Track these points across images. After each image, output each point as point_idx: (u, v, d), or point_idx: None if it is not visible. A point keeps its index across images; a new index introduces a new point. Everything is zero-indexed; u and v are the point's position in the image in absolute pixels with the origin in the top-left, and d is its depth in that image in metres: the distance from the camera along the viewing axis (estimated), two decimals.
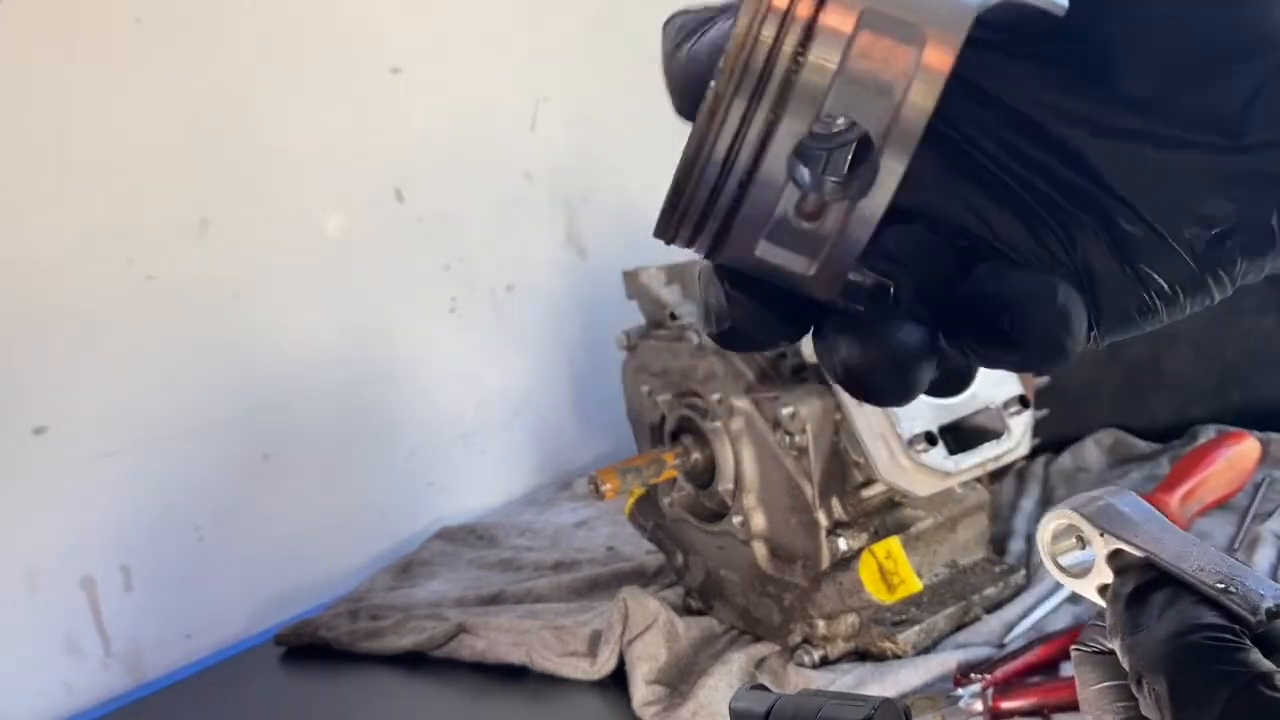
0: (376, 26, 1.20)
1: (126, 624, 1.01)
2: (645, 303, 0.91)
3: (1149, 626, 0.35)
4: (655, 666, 0.82)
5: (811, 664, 0.81)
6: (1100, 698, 0.38)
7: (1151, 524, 0.38)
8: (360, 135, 1.18)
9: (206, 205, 1.05)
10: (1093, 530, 0.39)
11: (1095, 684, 0.38)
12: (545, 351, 1.39)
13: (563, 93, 1.39)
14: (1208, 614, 0.34)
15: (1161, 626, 0.34)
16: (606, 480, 0.82)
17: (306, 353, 1.14)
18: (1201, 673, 0.33)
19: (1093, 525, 0.39)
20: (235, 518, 1.08)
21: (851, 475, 0.80)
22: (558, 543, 1.15)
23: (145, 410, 1.02)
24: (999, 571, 0.87)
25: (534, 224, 1.37)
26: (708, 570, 0.90)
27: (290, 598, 1.11)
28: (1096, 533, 0.38)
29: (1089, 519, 0.39)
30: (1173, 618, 0.34)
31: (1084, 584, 0.39)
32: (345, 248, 1.17)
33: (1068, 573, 0.40)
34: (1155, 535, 0.37)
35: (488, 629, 0.93)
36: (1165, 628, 0.34)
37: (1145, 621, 0.35)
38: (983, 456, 0.79)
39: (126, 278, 1.00)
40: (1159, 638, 0.34)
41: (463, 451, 1.31)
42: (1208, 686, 0.32)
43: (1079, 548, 0.40)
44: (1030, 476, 1.08)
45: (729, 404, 0.82)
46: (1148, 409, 1.14)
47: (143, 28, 1.00)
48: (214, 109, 1.06)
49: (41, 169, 0.95)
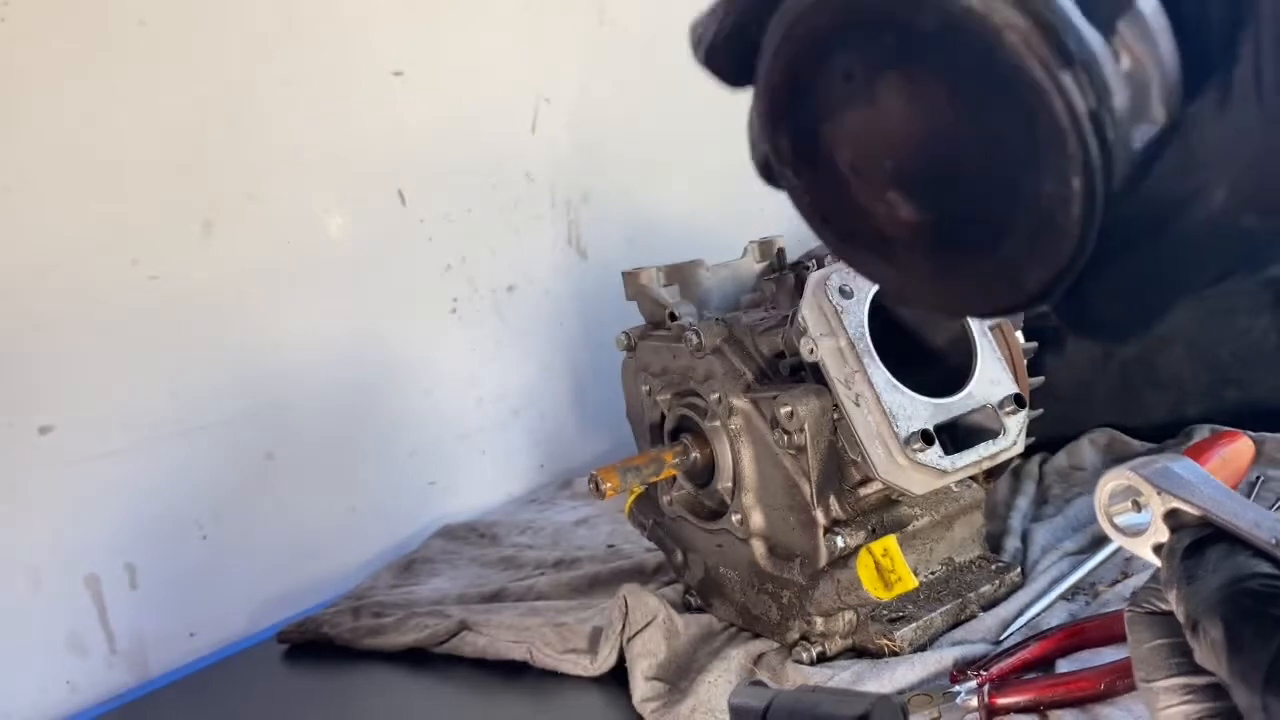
0: (378, 30, 1.21)
1: (130, 622, 1.02)
2: (645, 303, 0.91)
3: (1204, 576, 0.35)
4: (655, 663, 0.83)
5: (809, 660, 0.81)
6: (1154, 655, 0.39)
7: (1207, 485, 0.39)
8: (362, 137, 1.19)
9: (210, 207, 1.06)
10: (1150, 489, 0.39)
11: (1149, 642, 0.39)
12: (546, 351, 1.40)
13: (563, 94, 1.39)
14: (1262, 564, 0.35)
15: (1217, 576, 0.35)
16: (606, 479, 0.83)
17: (309, 353, 1.15)
18: (1256, 616, 0.33)
19: (1151, 484, 0.40)
20: (238, 516, 1.09)
21: (849, 474, 0.80)
22: (558, 541, 1.16)
23: (149, 410, 1.02)
24: (995, 569, 0.88)
25: (535, 225, 1.38)
26: (707, 568, 0.91)
27: (293, 596, 1.12)
28: (1154, 491, 0.39)
29: (1147, 479, 0.40)
30: (1228, 568, 0.35)
31: (1139, 543, 0.40)
32: (348, 249, 1.18)
33: (1123, 532, 0.41)
34: (1211, 495, 0.39)
35: (489, 626, 0.93)
36: (1220, 576, 0.35)
37: (1201, 572, 0.36)
38: (979, 455, 0.80)
39: (130, 278, 1.01)
40: (1214, 585, 0.35)
41: (464, 450, 1.31)
42: (1262, 628, 0.33)
43: (1134, 510, 0.41)
44: (1026, 475, 1.08)
45: (728, 403, 0.83)
46: (1142, 408, 1.14)
47: (147, 30, 1.01)
48: (218, 111, 1.06)
49: (45, 170, 0.95)
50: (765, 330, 0.84)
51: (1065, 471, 1.11)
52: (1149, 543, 0.40)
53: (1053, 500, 1.05)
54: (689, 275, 0.93)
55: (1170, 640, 0.38)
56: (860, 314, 0.79)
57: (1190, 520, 0.38)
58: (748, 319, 0.86)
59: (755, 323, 0.85)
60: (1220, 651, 0.33)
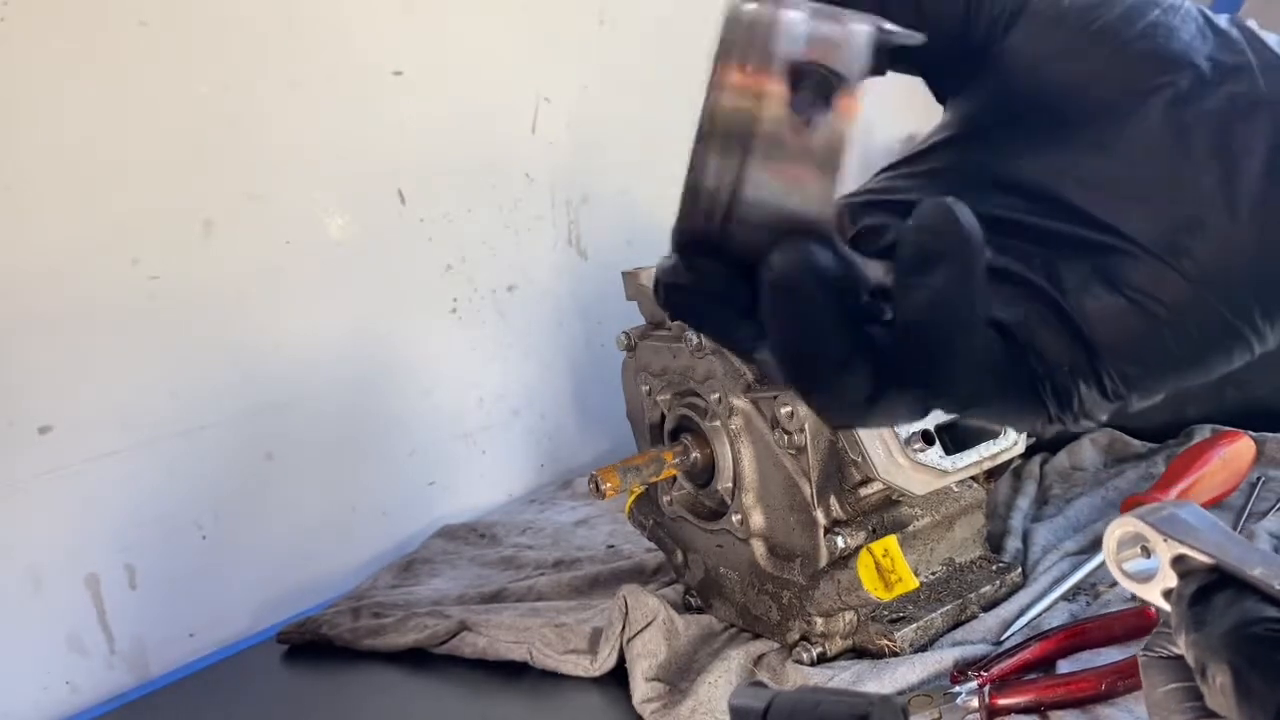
0: (378, 30, 1.20)
1: (130, 622, 1.01)
2: (645, 303, 0.91)
3: (1212, 622, 0.36)
4: (655, 663, 0.83)
5: (809, 661, 0.81)
6: (1168, 699, 0.39)
7: (1214, 532, 0.40)
8: (363, 137, 1.19)
9: (210, 206, 1.06)
10: (1158, 536, 0.40)
11: (1163, 686, 0.40)
12: (546, 351, 1.40)
13: (563, 94, 1.39)
14: (1269, 609, 0.35)
15: (1224, 621, 0.36)
16: (607, 479, 0.83)
17: (309, 353, 1.15)
18: (1263, 661, 0.34)
19: (1158, 531, 0.40)
20: (238, 516, 1.09)
21: (849, 474, 0.80)
22: (558, 541, 1.16)
23: (149, 409, 1.02)
24: (995, 569, 0.88)
25: (535, 225, 1.38)
26: (707, 568, 0.91)
27: (293, 596, 1.12)
28: (1161, 539, 0.40)
29: (1154, 525, 0.41)
30: (1234, 613, 0.36)
31: (1148, 588, 0.41)
32: (348, 248, 1.18)
33: (1132, 579, 0.42)
34: (1218, 541, 0.39)
35: (489, 626, 0.93)
36: (1228, 621, 0.35)
37: (1210, 617, 0.36)
38: (979, 455, 0.80)
39: (130, 278, 1.01)
40: (1221, 631, 0.35)
41: (464, 451, 1.31)
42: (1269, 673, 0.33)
43: (1143, 557, 0.42)
44: (1026, 475, 1.08)
45: (728, 403, 0.83)
46: (1143, 408, 1.14)
47: (147, 30, 1.01)
48: (218, 111, 1.06)
49: (46, 170, 0.95)
50: None
51: (1066, 472, 1.11)
52: (1158, 588, 0.40)
53: (1053, 501, 1.05)
54: None
55: (1183, 684, 0.39)
56: None
57: (1198, 566, 0.39)
58: None
59: None
60: (1230, 696, 0.34)
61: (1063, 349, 0.31)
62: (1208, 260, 0.30)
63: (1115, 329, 0.31)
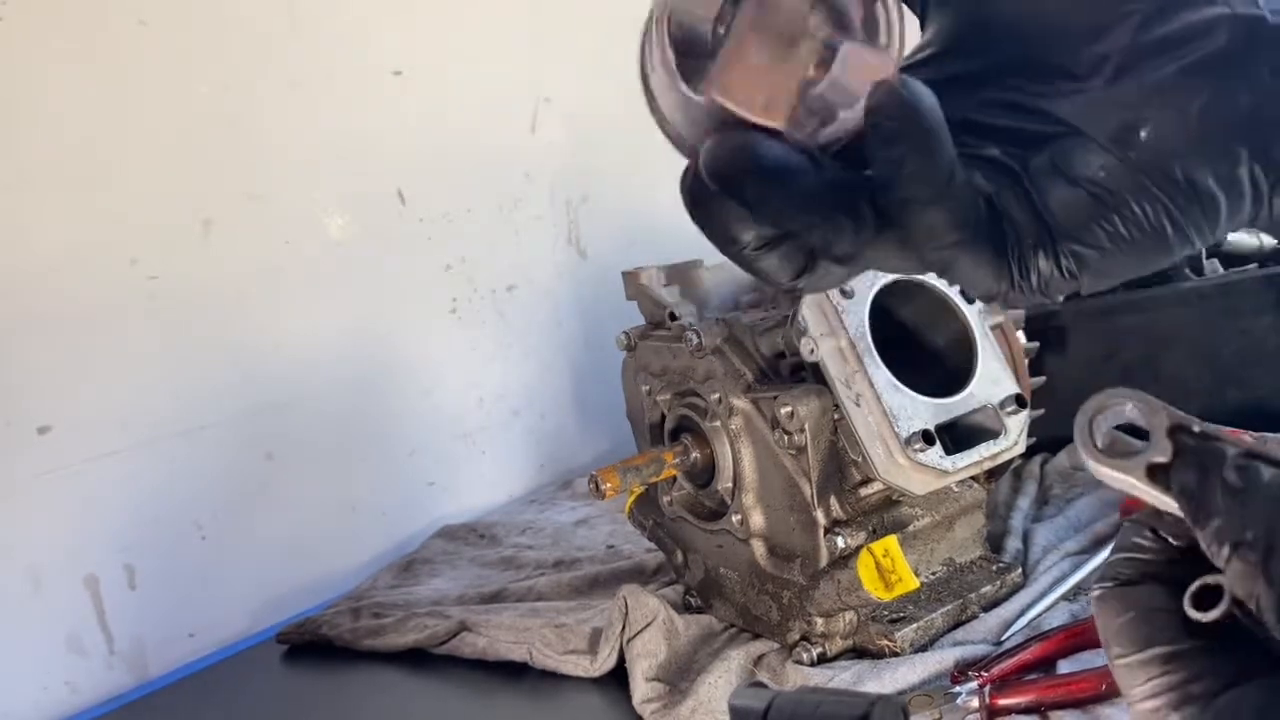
0: (378, 29, 1.21)
1: (129, 622, 1.01)
2: (645, 303, 0.91)
3: (1250, 490, 0.33)
4: (655, 664, 0.82)
5: (810, 661, 0.81)
6: (1129, 628, 0.36)
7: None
8: (362, 137, 1.19)
9: (209, 206, 1.06)
10: (1156, 404, 0.36)
11: (1122, 615, 0.37)
12: (545, 351, 1.40)
13: (563, 93, 1.39)
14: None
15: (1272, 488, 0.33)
16: (606, 479, 0.83)
17: (309, 353, 1.15)
18: None
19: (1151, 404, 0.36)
20: (238, 517, 1.09)
21: (849, 474, 0.80)
22: (558, 541, 1.16)
23: (148, 410, 1.02)
24: (996, 569, 0.88)
25: (535, 225, 1.38)
26: (707, 568, 0.91)
27: (292, 596, 1.12)
28: (1159, 407, 0.36)
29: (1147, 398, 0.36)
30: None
31: (1128, 465, 0.36)
32: (347, 248, 1.18)
33: (1107, 454, 0.37)
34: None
35: (489, 627, 0.93)
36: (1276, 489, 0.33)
37: (1248, 485, 0.34)
38: (980, 455, 0.80)
39: (130, 278, 1.01)
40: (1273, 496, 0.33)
41: (464, 451, 1.31)
42: None
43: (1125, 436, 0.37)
44: (1027, 475, 1.08)
45: (728, 403, 0.83)
46: None
47: (146, 29, 1.01)
48: (217, 110, 1.06)
49: (45, 170, 0.95)
50: (765, 330, 0.84)
51: (1066, 472, 1.10)
52: (1143, 463, 0.36)
53: (1054, 501, 1.05)
54: (689, 275, 0.93)
55: (1147, 608, 0.36)
56: (861, 314, 0.79)
57: (1193, 444, 0.35)
58: (748, 319, 0.86)
59: (755, 323, 0.85)
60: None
61: (1029, 224, 0.35)
62: (1150, 152, 0.33)
63: (1071, 212, 0.35)
